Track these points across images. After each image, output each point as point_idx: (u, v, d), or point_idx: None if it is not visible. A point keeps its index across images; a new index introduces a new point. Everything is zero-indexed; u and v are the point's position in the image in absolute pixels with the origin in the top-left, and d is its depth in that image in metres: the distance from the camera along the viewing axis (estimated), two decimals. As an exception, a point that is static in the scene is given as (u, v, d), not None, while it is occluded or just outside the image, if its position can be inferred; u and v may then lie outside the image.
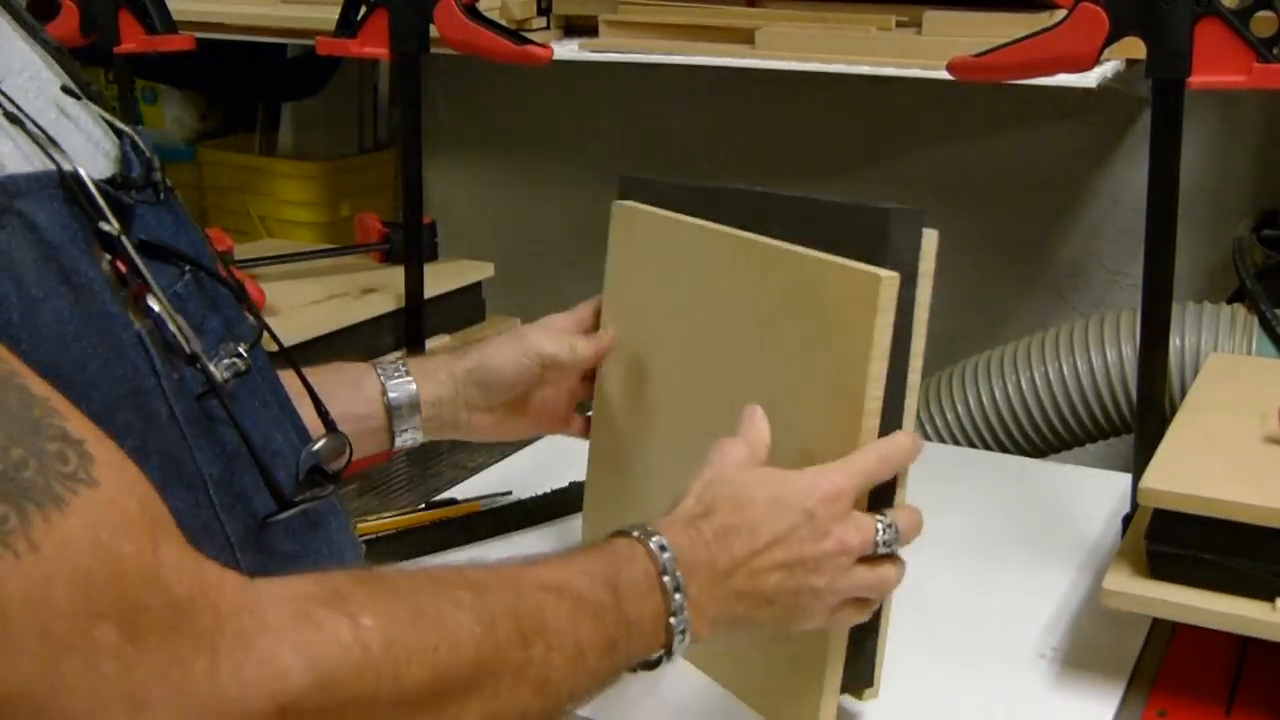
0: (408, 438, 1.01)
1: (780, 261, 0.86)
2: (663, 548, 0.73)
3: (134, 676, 0.50)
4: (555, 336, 1.02)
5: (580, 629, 0.67)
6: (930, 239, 0.80)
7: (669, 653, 0.73)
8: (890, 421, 0.81)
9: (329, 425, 0.78)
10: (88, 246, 0.61)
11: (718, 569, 0.75)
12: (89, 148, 0.67)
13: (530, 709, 0.64)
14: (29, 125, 0.60)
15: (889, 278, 0.77)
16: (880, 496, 0.81)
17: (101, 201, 0.61)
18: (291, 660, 0.54)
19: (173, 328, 0.63)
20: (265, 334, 0.73)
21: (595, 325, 1.05)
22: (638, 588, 0.72)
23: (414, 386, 1.00)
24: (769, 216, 0.88)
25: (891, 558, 0.81)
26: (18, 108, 0.61)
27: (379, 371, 1.01)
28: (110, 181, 0.65)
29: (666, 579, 0.72)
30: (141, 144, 0.71)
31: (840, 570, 0.78)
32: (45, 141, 0.61)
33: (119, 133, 0.71)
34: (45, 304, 0.58)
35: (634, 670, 0.74)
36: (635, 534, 0.74)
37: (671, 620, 0.72)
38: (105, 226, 0.61)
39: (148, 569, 0.52)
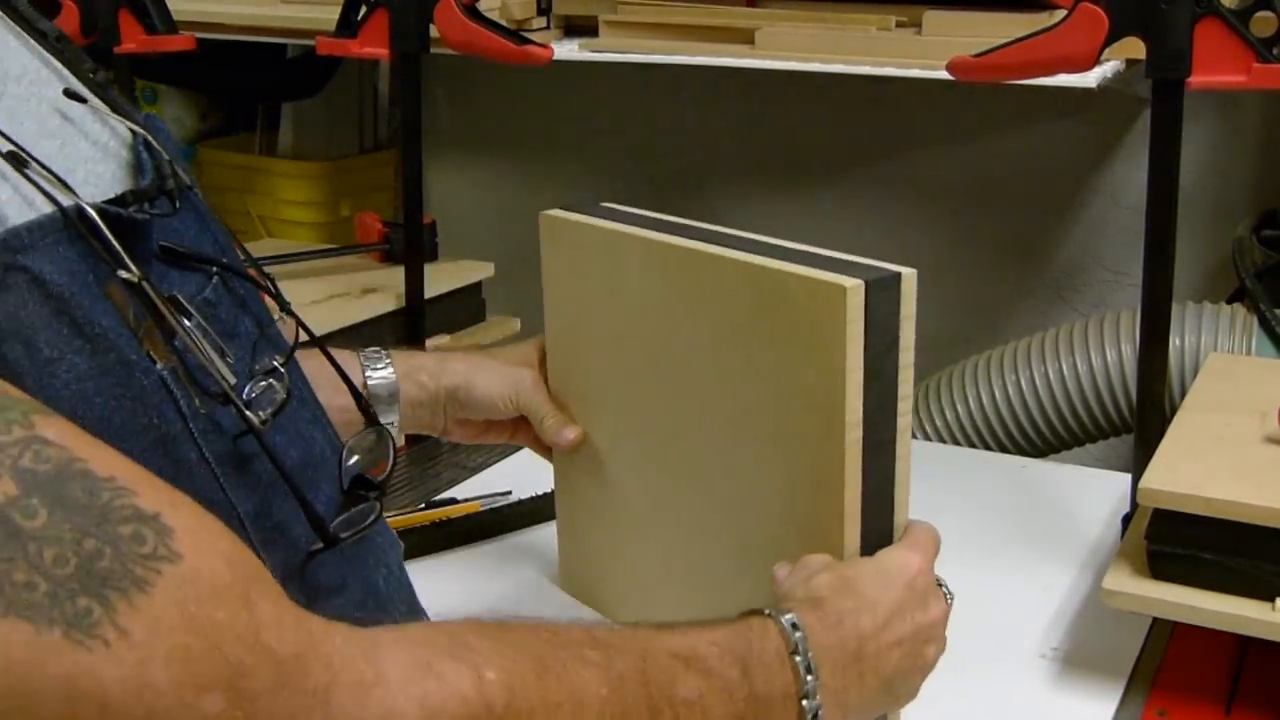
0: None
1: (736, 274, 0.81)
2: (795, 626, 0.70)
3: None
4: (539, 400, 1.01)
5: (710, 704, 0.64)
6: (910, 280, 0.77)
7: None
8: (879, 456, 0.79)
9: (370, 418, 0.76)
10: (100, 289, 0.57)
11: (848, 651, 0.72)
12: (97, 155, 0.64)
13: None
14: (31, 164, 0.57)
15: (854, 286, 0.75)
16: (881, 539, 0.81)
17: (112, 239, 0.57)
18: (410, 713, 0.52)
19: (209, 367, 0.60)
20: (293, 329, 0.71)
21: None
22: (768, 666, 0.68)
23: (394, 377, 0.99)
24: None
25: None
26: (14, 143, 0.57)
27: (363, 361, 0.99)
28: (120, 200, 0.61)
29: (798, 659, 0.69)
30: (155, 141, 0.67)
31: (941, 638, 0.79)
32: (49, 179, 0.57)
33: (132, 130, 0.67)
34: (60, 363, 0.55)
35: None
36: (766, 611, 0.71)
37: (804, 704, 0.69)
38: (124, 275, 0.58)
39: (246, 631, 0.49)
